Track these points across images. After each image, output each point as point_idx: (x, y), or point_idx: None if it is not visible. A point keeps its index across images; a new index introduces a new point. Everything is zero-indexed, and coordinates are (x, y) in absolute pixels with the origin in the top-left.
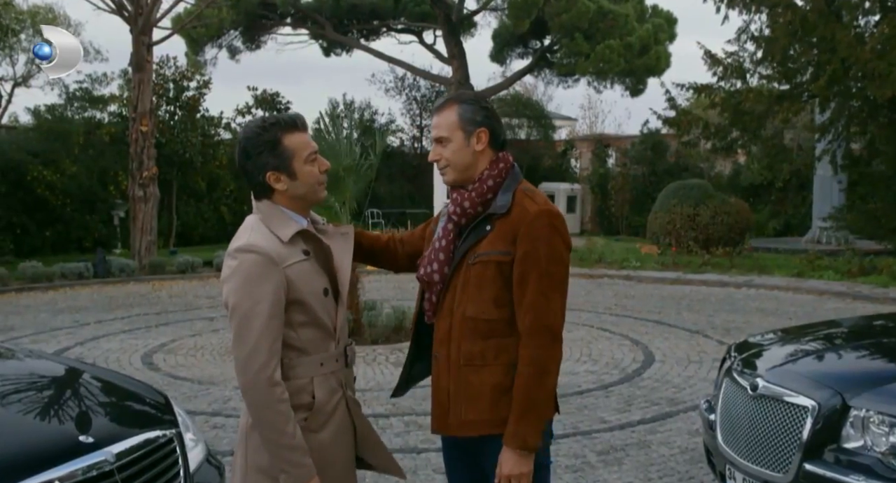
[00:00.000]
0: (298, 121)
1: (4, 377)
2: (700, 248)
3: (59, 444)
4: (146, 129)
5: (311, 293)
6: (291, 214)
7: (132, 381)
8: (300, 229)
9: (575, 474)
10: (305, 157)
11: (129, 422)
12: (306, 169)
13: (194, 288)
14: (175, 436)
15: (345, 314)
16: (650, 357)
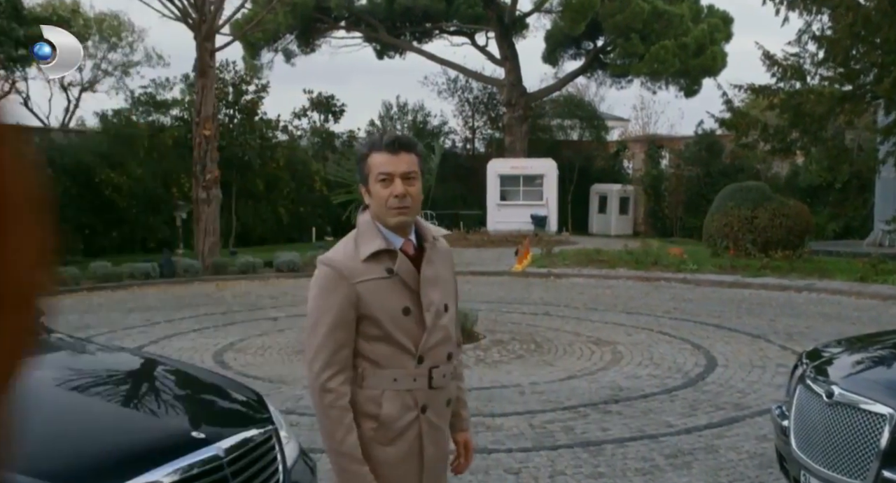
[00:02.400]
0: (389, 140)
1: (116, 373)
2: (758, 250)
3: (176, 438)
4: (209, 133)
5: (384, 310)
6: (384, 231)
7: (226, 380)
8: (379, 249)
9: (644, 477)
10: (376, 176)
11: (232, 418)
12: (375, 188)
13: (256, 288)
14: (273, 432)
15: (443, 335)
16: (712, 361)
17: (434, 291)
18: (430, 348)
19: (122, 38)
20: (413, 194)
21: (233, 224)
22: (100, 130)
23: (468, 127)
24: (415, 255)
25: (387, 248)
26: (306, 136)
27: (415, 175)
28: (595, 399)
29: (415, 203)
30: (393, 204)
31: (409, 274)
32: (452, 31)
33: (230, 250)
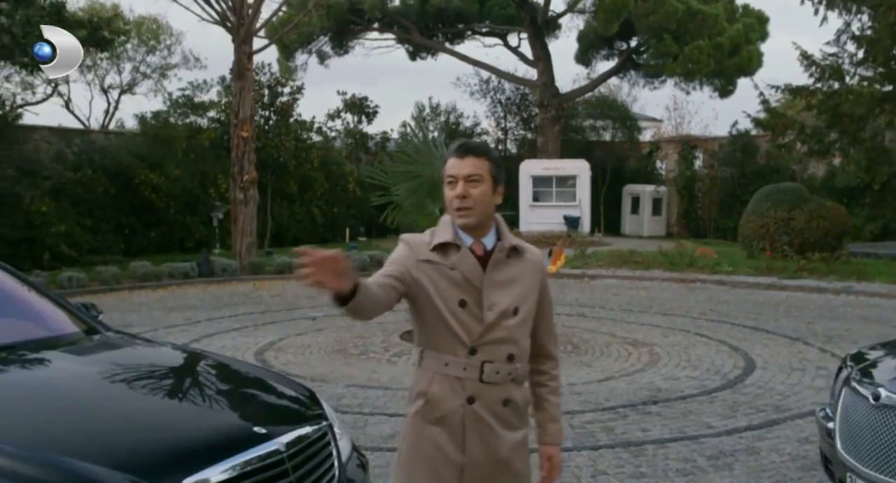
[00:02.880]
0: (457, 146)
1: (174, 369)
2: (795, 252)
3: (240, 433)
4: (247, 134)
5: (441, 297)
6: (456, 230)
7: (279, 376)
8: (446, 241)
9: (686, 478)
10: (445, 179)
11: (288, 414)
12: (445, 190)
13: (293, 288)
14: (328, 428)
15: (504, 336)
16: (751, 364)
17: (501, 293)
18: (484, 343)
19: (160, 41)
20: (475, 195)
21: (268, 224)
22: (139, 132)
23: (500, 128)
24: (484, 257)
25: (453, 242)
26: (340, 137)
27: (479, 178)
28: (634, 400)
29: (477, 204)
30: (455, 204)
31: (472, 271)
32: (485, 32)
33: (265, 250)
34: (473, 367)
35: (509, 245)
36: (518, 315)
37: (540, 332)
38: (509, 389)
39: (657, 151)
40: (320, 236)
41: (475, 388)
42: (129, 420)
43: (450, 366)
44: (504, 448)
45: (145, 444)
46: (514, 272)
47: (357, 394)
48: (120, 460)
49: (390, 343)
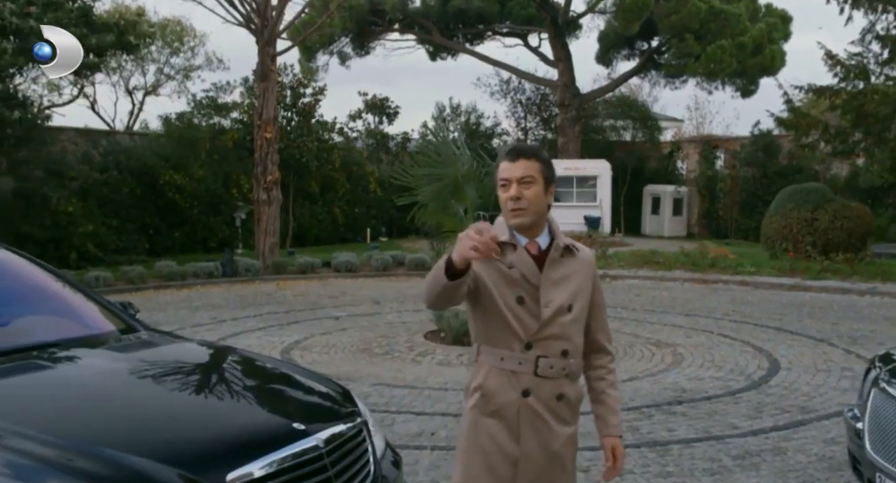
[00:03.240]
0: (509, 149)
1: (213, 366)
2: (818, 253)
3: (279, 429)
4: (270, 135)
5: (499, 294)
6: (512, 230)
7: (313, 374)
8: (504, 241)
9: (713, 477)
10: (498, 182)
11: (325, 411)
12: (499, 193)
13: (316, 288)
14: (363, 425)
15: (559, 332)
16: (775, 364)
17: (557, 291)
18: (540, 339)
19: (184, 43)
20: (528, 196)
21: (289, 224)
22: (163, 133)
23: (520, 128)
24: (539, 256)
25: (510, 242)
26: (361, 137)
27: (531, 179)
28: (659, 400)
29: (530, 204)
30: (509, 206)
31: (529, 269)
32: (505, 33)
33: (288, 250)
34: (528, 361)
35: (563, 244)
36: (572, 312)
37: (594, 329)
38: (563, 384)
39: (678, 151)
40: (341, 236)
41: (530, 382)
42: (173, 416)
43: (505, 360)
44: (557, 442)
45: (190, 440)
46: (568, 270)
47: (383, 392)
48: (167, 454)
49: (414, 343)
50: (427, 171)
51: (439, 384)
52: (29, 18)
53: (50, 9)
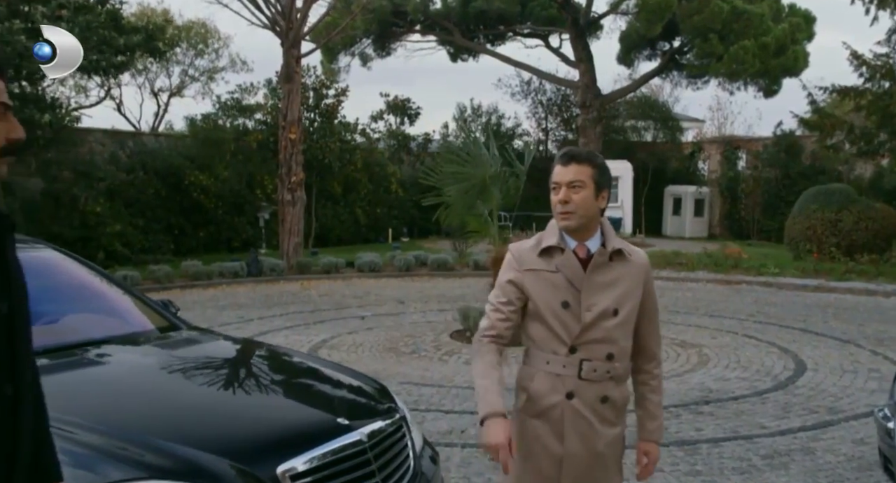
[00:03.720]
0: (561, 154)
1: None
2: (843, 254)
3: (324, 424)
4: (294, 136)
5: (544, 299)
6: (562, 234)
7: (351, 371)
8: (551, 246)
9: (742, 476)
10: (550, 185)
11: (366, 406)
12: (551, 196)
13: (340, 288)
14: (403, 420)
15: (603, 335)
16: (801, 365)
17: (601, 295)
18: (584, 342)
19: (208, 45)
20: (576, 200)
21: (312, 225)
22: (188, 134)
23: (541, 129)
24: (587, 259)
25: (558, 245)
26: (383, 138)
27: (581, 184)
28: (686, 400)
29: (578, 208)
30: (558, 209)
31: (574, 273)
32: (526, 34)
33: (311, 250)
34: (572, 364)
35: (612, 248)
36: (618, 316)
37: (643, 333)
38: (608, 387)
39: (699, 152)
40: (363, 236)
41: (574, 385)
42: (222, 410)
43: (551, 363)
44: (601, 443)
45: (240, 433)
46: (616, 275)
47: (412, 391)
48: (220, 447)
49: (441, 342)
50: (454, 169)
51: (466, 383)
52: (60, 22)
53: (80, 12)
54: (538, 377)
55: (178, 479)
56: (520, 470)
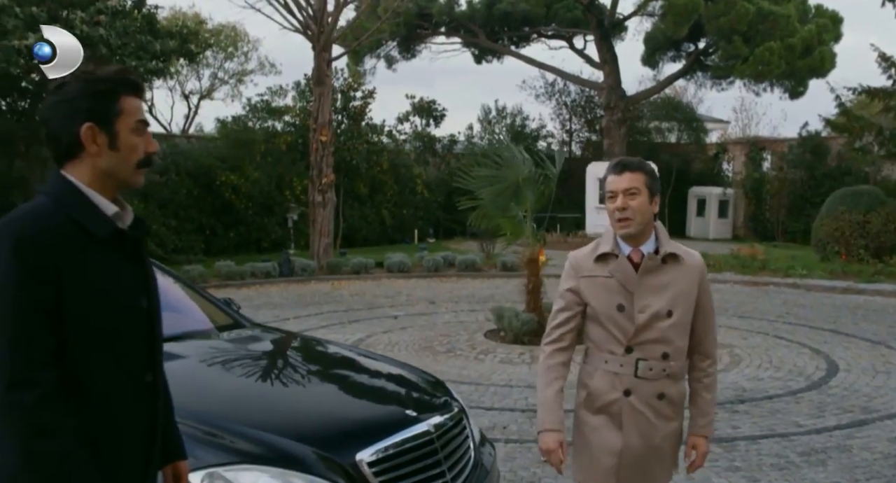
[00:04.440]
0: (614, 163)
1: (328, 359)
2: (871, 256)
3: (395, 415)
4: (325, 138)
5: (600, 303)
6: (617, 240)
7: (409, 366)
8: (606, 252)
9: (781, 472)
10: (606, 194)
11: (428, 399)
12: (607, 204)
13: (370, 288)
14: (462, 413)
15: (657, 336)
16: (833, 366)
17: (654, 297)
18: (639, 343)
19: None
20: (633, 207)
21: (339, 225)
22: (219, 136)
23: (565, 130)
24: (641, 263)
25: (612, 251)
26: (409, 140)
27: (636, 191)
28: (720, 399)
29: (636, 214)
30: (616, 216)
31: (627, 277)
32: (550, 35)
33: (339, 251)
34: (629, 364)
35: (665, 252)
36: (672, 317)
37: (699, 332)
38: (664, 384)
39: (724, 153)
40: (389, 237)
41: (631, 383)
42: (301, 402)
43: (609, 363)
44: (657, 436)
45: (320, 422)
46: (670, 277)
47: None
48: (303, 435)
49: (475, 341)
50: (489, 173)
51: (504, 381)
52: (99, 27)
53: (118, 17)
54: (597, 375)
55: (268, 464)
56: (583, 461)
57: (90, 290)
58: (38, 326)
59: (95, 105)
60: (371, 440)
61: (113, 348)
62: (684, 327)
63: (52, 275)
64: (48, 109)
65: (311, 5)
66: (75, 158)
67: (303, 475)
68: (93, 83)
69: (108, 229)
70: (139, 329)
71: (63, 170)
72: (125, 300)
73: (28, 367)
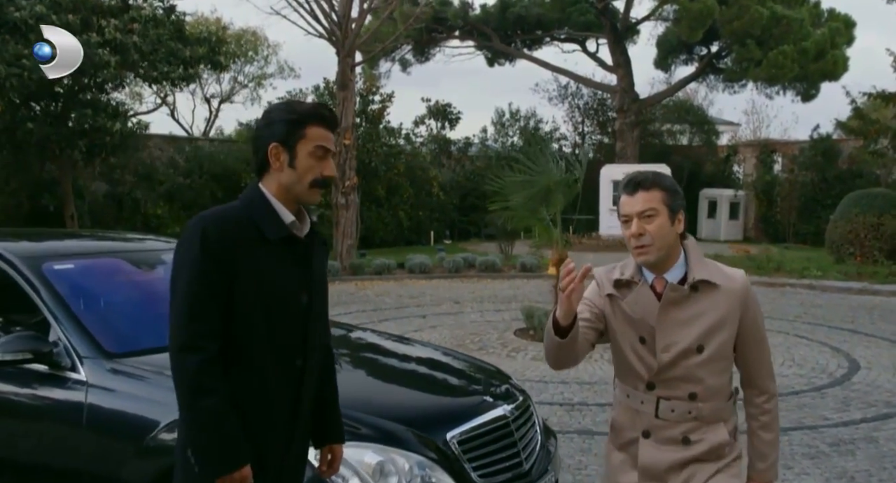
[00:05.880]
0: (626, 182)
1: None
2: (886, 258)
3: (476, 400)
4: (349, 142)
5: (622, 332)
6: (642, 268)
7: (479, 361)
8: (622, 279)
9: (812, 461)
10: (620, 218)
11: (500, 387)
12: (622, 229)
13: (394, 288)
14: (529, 399)
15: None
16: (854, 364)
17: (680, 333)
18: (662, 380)
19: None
20: (652, 231)
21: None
22: (243, 139)
23: (578, 133)
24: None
25: (631, 279)
26: (425, 143)
27: (653, 212)
28: None
29: (656, 239)
30: (633, 244)
31: (649, 309)
32: (563, 39)
33: (359, 252)
34: (650, 401)
35: (695, 279)
36: (704, 353)
37: (747, 364)
38: (690, 428)
39: (735, 155)
40: (406, 239)
41: (650, 423)
42: (397, 389)
43: (630, 398)
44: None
45: (417, 407)
46: (701, 308)
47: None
48: (405, 418)
49: (506, 340)
50: (522, 178)
51: (538, 377)
52: (132, 35)
53: (150, 25)
54: (620, 409)
55: (373, 442)
56: None
57: (257, 281)
58: (210, 305)
59: (284, 129)
60: (458, 422)
61: (270, 331)
62: (721, 363)
63: (227, 265)
64: (256, 129)
65: (335, 12)
66: (266, 172)
67: (402, 451)
68: (288, 111)
69: (281, 234)
70: (296, 320)
71: (260, 181)
72: (286, 294)
73: (196, 336)
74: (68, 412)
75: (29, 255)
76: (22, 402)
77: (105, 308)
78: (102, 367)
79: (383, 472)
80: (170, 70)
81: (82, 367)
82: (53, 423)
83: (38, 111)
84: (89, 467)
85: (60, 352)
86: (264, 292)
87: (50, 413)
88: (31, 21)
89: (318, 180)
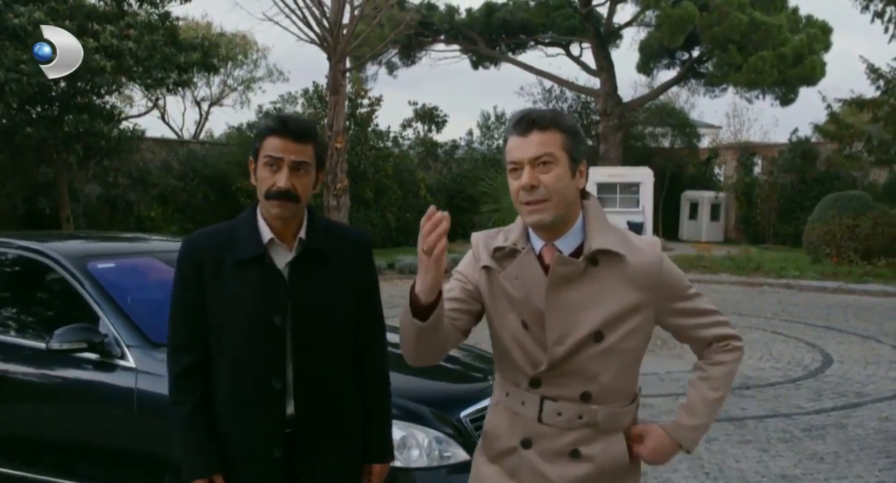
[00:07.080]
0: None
1: None
2: (860, 258)
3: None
4: (340, 145)
5: (500, 315)
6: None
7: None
8: (503, 246)
9: (787, 444)
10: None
11: None
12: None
13: (385, 288)
14: None
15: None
16: (828, 358)
17: (573, 318)
18: (549, 376)
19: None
20: (548, 183)
21: None
22: (234, 142)
23: None
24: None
25: (513, 247)
26: (413, 145)
27: (551, 159)
28: None
29: (552, 194)
30: (522, 198)
31: (535, 286)
32: (547, 43)
33: None
34: (532, 402)
35: (591, 250)
36: (604, 342)
37: (687, 332)
38: (582, 438)
39: (716, 158)
40: (393, 240)
41: (532, 430)
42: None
43: (510, 396)
44: None
45: (434, 389)
46: (601, 286)
47: None
48: (424, 398)
49: None
50: None
51: None
52: (128, 40)
53: (146, 32)
54: (496, 411)
55: (407, 422)
56: None
57: (222, 301)
58: (183, 320)
59: (254, 143)
60: (470, 402)
61: (234, 351)
62: (623, 357)
63: (196, 284)
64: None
65: (326, 18)
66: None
67: (422, 427)
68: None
69: (250, 253)
70: (269, 341)
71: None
72: (255, 314)
73: (171, 349)
74: (120, 396)
75: (75, 255)
76: (78, 387)
77: (145, 302)
78: (149, 354)
79: (406, 445)
80: (164, 76)
81: (130, 355)
82: (107, 406)
83: (36, 115)
84: (141, 448)
85: (110, 341)
86: (227, 312)
87: (104, 397)
88: (29, 27)
89: (270, 192)
